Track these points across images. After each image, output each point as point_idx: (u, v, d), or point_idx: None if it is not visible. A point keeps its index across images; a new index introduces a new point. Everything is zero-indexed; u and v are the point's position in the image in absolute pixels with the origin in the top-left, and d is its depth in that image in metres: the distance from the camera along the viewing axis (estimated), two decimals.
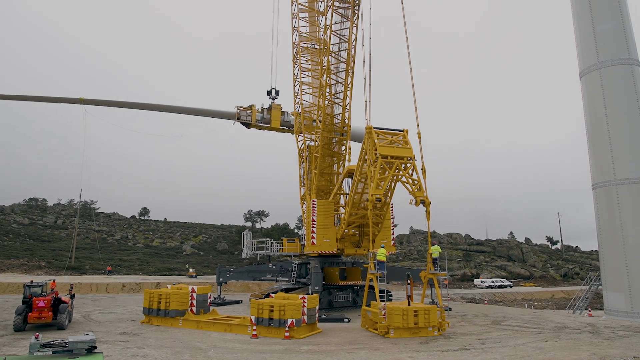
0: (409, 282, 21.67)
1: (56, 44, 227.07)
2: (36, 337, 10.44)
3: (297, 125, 35.36)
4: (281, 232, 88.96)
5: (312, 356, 15.19)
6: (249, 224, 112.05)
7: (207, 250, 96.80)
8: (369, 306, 21.68)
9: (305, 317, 19.30)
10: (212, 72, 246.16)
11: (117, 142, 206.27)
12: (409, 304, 20.44)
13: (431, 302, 28.10)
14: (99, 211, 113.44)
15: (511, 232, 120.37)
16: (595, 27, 31.80)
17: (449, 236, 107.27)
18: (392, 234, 30.52)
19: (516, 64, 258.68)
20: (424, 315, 19.48)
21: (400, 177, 22.72)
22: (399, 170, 22.50)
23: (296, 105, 34.93)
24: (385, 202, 24.13)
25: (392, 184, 23.52)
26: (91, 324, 22.23)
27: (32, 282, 21.32)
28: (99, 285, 45.50)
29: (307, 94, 34.64)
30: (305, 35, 34.83)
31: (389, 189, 23.69)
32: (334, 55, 29.47)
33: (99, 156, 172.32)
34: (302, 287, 30.43)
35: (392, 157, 22.24)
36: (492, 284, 68.70)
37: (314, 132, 33.21)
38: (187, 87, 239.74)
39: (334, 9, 28.64)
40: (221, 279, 36.64)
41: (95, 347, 10.70)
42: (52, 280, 23.64)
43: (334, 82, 30.00)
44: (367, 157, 23.39)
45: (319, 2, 34.77)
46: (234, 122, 39.59)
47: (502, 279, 73.43)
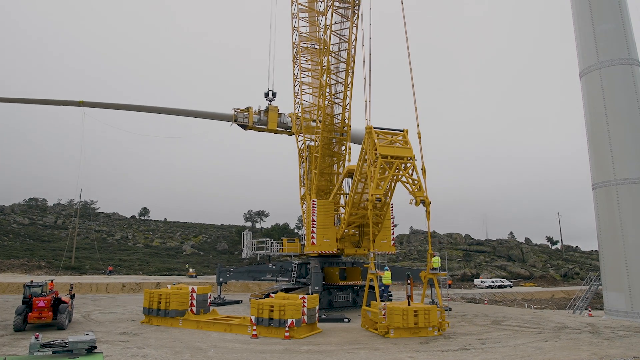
0: (409, 282, 21.69)
1: (59, 44, 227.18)
2: (36, 337, 10.45)
3: (295, 125, 35.36)
4: (281, 232, 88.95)
5: (312, 356, 15.19)
6: (249, 224, 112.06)
7: (207, 250, 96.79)
8: (369, 306, 21.69)
9: (305, 317, 19.30)
10: (222, 73, 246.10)
11: (117, 142, 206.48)
12: (409, 304, 20.45)
13: (431, 302, 28.11)
14: (99, 211, 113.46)
15: (511, 232, 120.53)
16: (595, 27, 31.81)
17: (449, 236, 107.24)
18: (392, 234, 30.53)
19: (517, 64, 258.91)
20: (424, 315, 19.49)
21: (400, 177, 22.72)
22: (399, 170, 22.50)
23: (296, 105, 34.93)
24: (385, 202, 24.13)
25: (392, 184, 23.52)
26: (91, 324, 22.23)
27: (32, 282, 21.32)
28: (99, 285, 45.50)
29: (307, 94, 34.64)
30: (305, 35, 34.83)
31: (389, 189, 23.69)
32: (334, 55, 29.47)
33: (99, 156, 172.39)
34: (302, 287, 30.43)
35: (392, 157, 22.24)
36: (492, 284, 68.68)
37: (314, 133, 33.22)
38: (197, 87, 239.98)
39: (334, 9, 28.64)
40: (221, 279, 36.64)
41: (95, 347, 10.70)
42: (51, 280, 23.59)
43: (334, 82, 30.00)
44: (367, 157, 23.39)
45: (319, 2, 34.77)
46: (231, 124, 39.64)
47: (502, 279, 73.40)
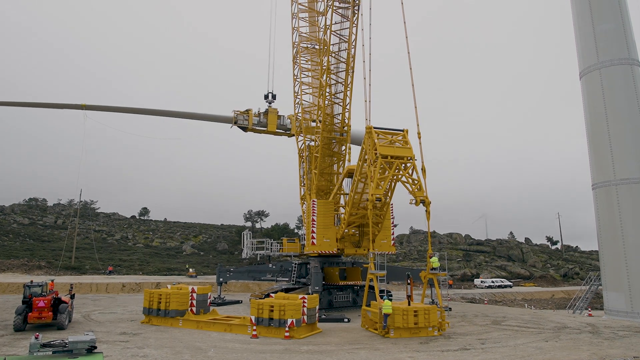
0: (409, 282, 21.70)
1: (59, 45, 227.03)
2: (36, 337, 10.46)
3: (295, 126, 35.37)
4: (281, 232, 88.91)
5: (312, 356, 15.19)
6: (249, 224, 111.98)
7: (207, 250, 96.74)
8: (369, 306, 21.70)
9: (305, 317, 19.32)
10: (221, 73, 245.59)
11: (117, 141, 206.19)
12: (409, 304, 20.46)
13: (431, 302, 28.11)
14: (99, 211, 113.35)
15: (511, 232, 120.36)
16: (595, 27, 31.81)
17: (449, 236, 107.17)
18: (392, 234, 30.54)
19: (517, 64, 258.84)
20: (424, 315, 19.51)
21: (400, 176, 22.73)
22: (399, 170, 22.51)
23: (296, 105, 34.95)
24: (385, 202, 24.14)
25: (392, 184, 23.53)
26: (91, 324, 22.23)
27: (32, 282, 21.35)
28: (99, 285, 45.49)
29: (307, 94, 34.71)
30: (305, 35, 34.85)
31: (389, 189, 23.69)
32: (334, 55, 29.47)
33: (99, 156, 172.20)
34: (302, 287, 30.44)
35: (392, 157, 22.25)
36: (492, 284, 68.64)
37: (314, 133, 33.22)
38: (197, 87, 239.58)
39: (334, 9, 28.64)
40: (221, 279, 36.66)
41: (95, 347, 10.71)
42: (51, 280, 23.62)
43: (334, 82, 30.00)
44: (367, 157, 23.39)
45: (319, 2, 34.80)
46: (231, 126, 39.79)
47: (502, 279, 73.35)
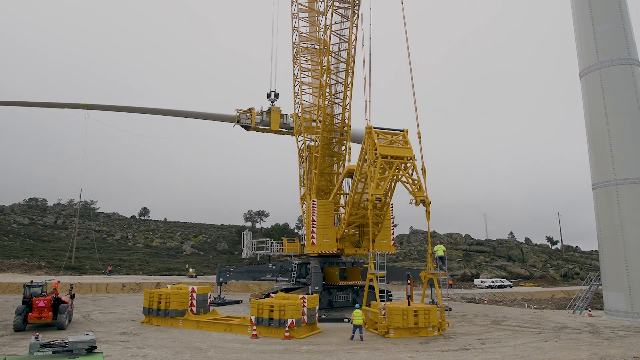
0: (409, 282, 21.69)
1: (60, 44, 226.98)
2: (36, 337, 10.46)
3: (297, 125, 35.36)
4: (281, 232, 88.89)
5: (312, 356, 15.19)
6: (249, 224, 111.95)
7: (207, 250, 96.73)
8: (369, 306, 21.70)
9: (305, 317, 19.33)
10: (222, 73, 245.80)
11: (117, 141, 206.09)
12: (409, 304, 20.45)
13: (431, 302, 28.11)
14: (99, 211, 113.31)
15: (511, 232, 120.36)
16: (595, 27, 31.82)
17: (449, 236, 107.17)
18: (392, 234, 30.52)
19: (517, 64, 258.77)
20: (424, 315, 19.50)
21: (400, 177, 22.73)
22: (399, 170, 22.50)
23: (296, 105, 34.94)
24: (385, 202, 24.14)
25: (392, 184, 23.52)
26: (91, 324, 22.23)
27: (32, 282, 21.36)
28: (99, 285, 45.49)
29: (307, 94, 34.67)
30: (305, 35, 34.84)
31: (389, 189, 23.69)
32: (334, 55, 29.47)
33: (99, 156, 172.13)
34: (302, 287, 30.43)
35: (392, 157, 22.25)
36: (492, 284, 68.64)
37: (314, 133, 33.22)
38: (197, 87, 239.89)
39: (334, 9, 28.65)
40: (221, 279, 36.65)
41: (95, 347, 10.71)
42: (57, 280, 23.67)
43: (334, 82, 30.00)
44: (367, 157, 23.39)
45: (319, 2, 34.79)
46: (234, 125, 39.74)
47: (502, 279, 73.34)
